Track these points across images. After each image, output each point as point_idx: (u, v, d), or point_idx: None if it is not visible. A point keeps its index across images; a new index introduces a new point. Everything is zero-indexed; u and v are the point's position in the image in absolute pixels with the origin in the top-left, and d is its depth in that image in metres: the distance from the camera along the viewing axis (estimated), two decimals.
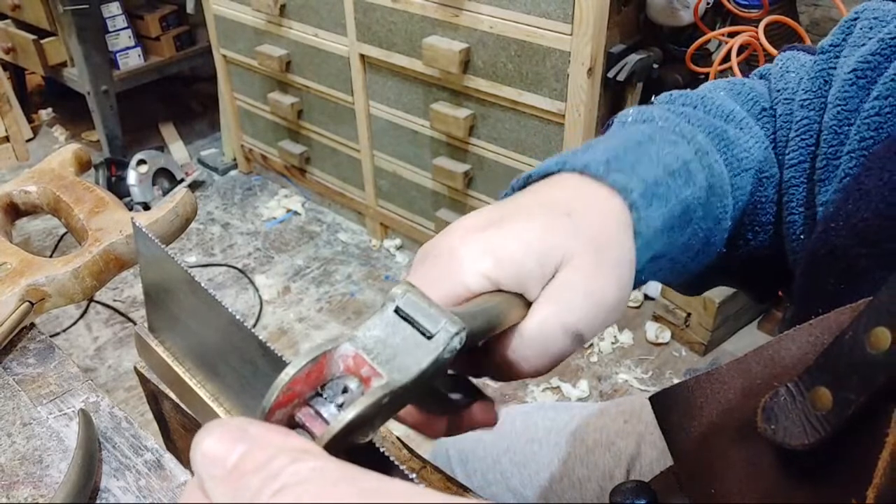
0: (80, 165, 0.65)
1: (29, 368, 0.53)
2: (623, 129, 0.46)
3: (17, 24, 2.54)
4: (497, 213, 0.37)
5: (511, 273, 0.34)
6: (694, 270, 0.49)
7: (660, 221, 0.39)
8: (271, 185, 2.48)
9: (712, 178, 0.44)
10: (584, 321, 0.35)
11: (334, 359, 0.27)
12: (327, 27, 1.86)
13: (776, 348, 0.35)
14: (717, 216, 0.45)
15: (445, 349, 0.28)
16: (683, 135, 0.45)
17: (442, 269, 0.35)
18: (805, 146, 0.46)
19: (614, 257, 0.36)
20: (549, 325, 0.35)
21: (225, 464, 0.20)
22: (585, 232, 0.36)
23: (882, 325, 0.29)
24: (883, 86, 0.40)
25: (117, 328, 1.92)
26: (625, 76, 1.51)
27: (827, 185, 0.44)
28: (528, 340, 0.35)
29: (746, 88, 0.51)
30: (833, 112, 0.43)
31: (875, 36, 0.43)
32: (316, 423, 0.26)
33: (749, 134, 0.48)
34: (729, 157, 0.46)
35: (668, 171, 0.41)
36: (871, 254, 0.37)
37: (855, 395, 0.29)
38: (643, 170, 0.40)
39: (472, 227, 0.36)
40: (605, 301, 0.36)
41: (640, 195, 0.38)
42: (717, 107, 0.49)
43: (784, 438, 0.32)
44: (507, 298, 0.35)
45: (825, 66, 0.46)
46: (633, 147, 0.42)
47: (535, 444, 0.70)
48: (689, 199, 0.41)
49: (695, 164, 0.43)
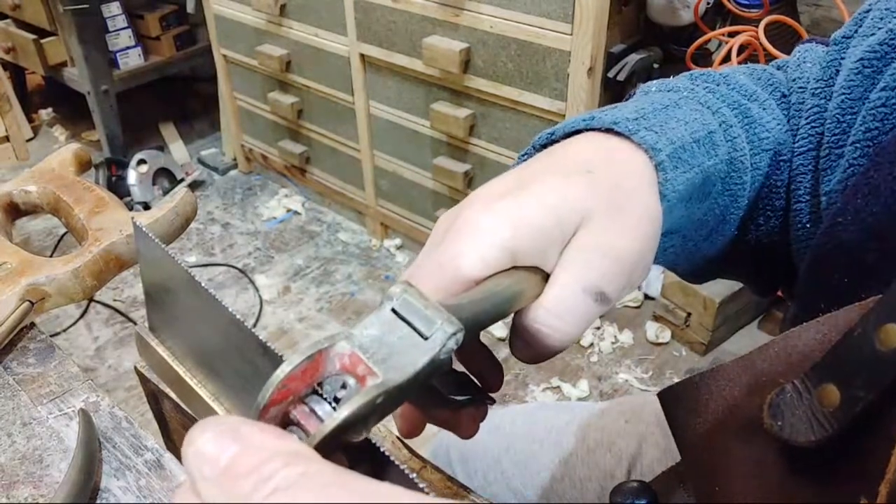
0: (81, 165, 0.65)
1: (29, 368, 0.53)
2: (646, 96, 0.45)
3: (17, 24, 2.54)
4: (516, 180, 0.36)
5: (531, 241, 0.33)
6: (704, 252, 0.48)
7: (683, 187, 0.38)
8: (271, 184, 2.48)
9: (734, 153, 0.43)
10: (605, 279, 0.34)
11: (330, 357, 0.27)
12: (327, 27, 1.86)
13: (783, 345, 0.35)
14: (734, 192, 0.44)
15: (442, 350, 0.28)
16: (709, 106, 0.44)
17: (459, 245, 0.34)
18: (814, 134, 0.45)
19: (635, 212, 0.35)
20: (570, 288, 0.34)
21: (217, 464, 0.20)
22: (605, 187, 0.35)
23: (892, 322, 0.29)
24: (891, 77, 0.40)
25: (117, 328, 1.92)
26: (625, 76, 1.51)
27: (830, 174, 0.43)
28: (551, 309, 0.34)
29: (766, 74, 0.51)
30: (837, 100, 0.43)
31: (885, 26, 0.43)
32: (311, 421, 0.26)
33: (771, 115, 0.47)
34: (750, 135, 0.46)
35: (693, 137, 0.40)
36: (880, 249, 0.36)
37: (863, 392, 0.29)
38: (671, 131, 0.39)
39: (491, 195, 0.35)
40: (625, 257, 0.35)
41: (668, 156, 0.37)
42: (740, 86, 0.48)
43: (790, 435, 0.32)
44: (523, 277, 0.34)
45: (836, 56, 0.46)
46: (661, 109, 0.41)
47: (536, 443, 0.70)
48: (710, 171, 0.41)
49: (719, 136, 0.42)
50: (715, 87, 0.47)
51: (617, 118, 0.38)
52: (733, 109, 0.46)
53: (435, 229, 0.37)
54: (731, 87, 0.48)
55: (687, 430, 0.39)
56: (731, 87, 0.48)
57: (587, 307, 0.34)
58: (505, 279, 0.33)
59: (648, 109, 0.40)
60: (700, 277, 0.55)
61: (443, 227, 0.37)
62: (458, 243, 0.34)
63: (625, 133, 0.38)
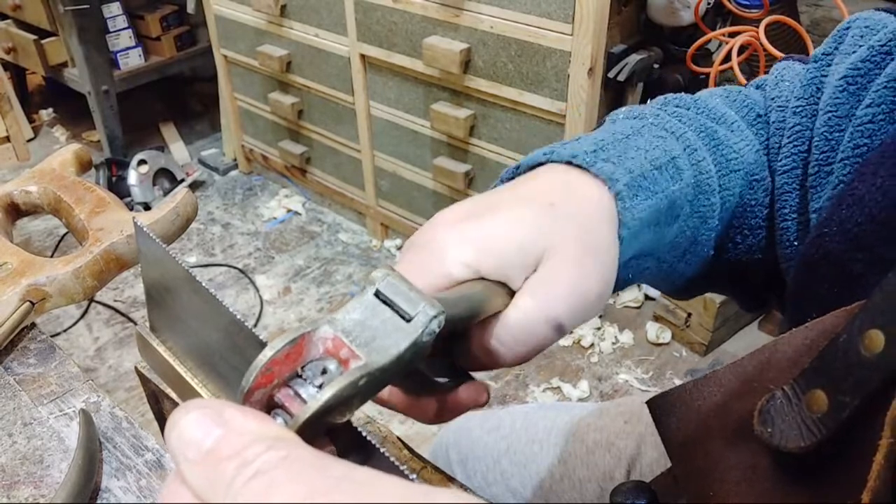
0: (81, 165, 0.65)
1: (30, 368, 0.53)
2: (612, 125, 0.46)
3: (17, 24, 2.54)
4: (481, 204, 0.38)
5: (493, 263, 0.35)
6: (682, 272, 0.49)
7: (645, 213, 0.40)
8: (272, 185, 2.48)
9: (700, 176, 0.44)
10: (566, 313, 0.36)
11: (313, 341, 0.28)
12: (328, 27, 1.86)
13: (771, 351, 0.35)
14: (704, 214, 0.45)
15: (424, 332, 0.28)
16: (673, 131, 0.45)
17: (425, 259, 0.35)
18: (798, 152, 0.46)
19: (597, 248, 0.37)
20: (533, 316, 0.35)
21: (200, 447, 0.21)
22: (569, 222, 0.36)
23: (876, 327, 0.29)
24: (875, 93, 0.40)
25: (118, 328, 1.92)
26: (625, 76, 1.51)
27: (819, 191, 0.44)
28: (511, 329, 0.35)
29: (741, 96, 0.52)
30: (824, 118, 0.44)
31: (865, 44, 0.44)
32: (295, 404, 0.26)
33: (739, 136, 0.48)
34: (718, 157, 0.47)
35: (655, 164, 0.41)
36: (865, 259, 0.37)
37: (850, 397, 0.29)
38: (630, 161, 0.40)
39: (456, 217, 0.37)
40: (588, 293, 0.36)
41: (626, 185, 0.39)
42: (709, 109, 0.49)
43: (780, 441, 0.32)
44: (490, 286, 0.35)
45: (817, 73, 0.47)
46: (621, 139, 0.42)
47: (536, 444, 0.70)
48: (676, 195, 0.42)
49: (683, 160, 0.43)
50: (683, 112, 0.48)
51: (575, 151, 0.40)
52: (699, 133, 0.47)
53: (402, 249, 0.38)
54: (699, 111, 0.49)
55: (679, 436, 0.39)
56: (700, 111, 0.49)
57: (545, 336, 0.36)
58: (476, 286, 0.35)
59: (609, 140, 0.42)
60: (684, 294, 0.56)
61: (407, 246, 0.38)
62: (425, 255, 0.35)
63: (583, 165, 0.39)
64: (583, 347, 1.77)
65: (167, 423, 0.22)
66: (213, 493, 0.20)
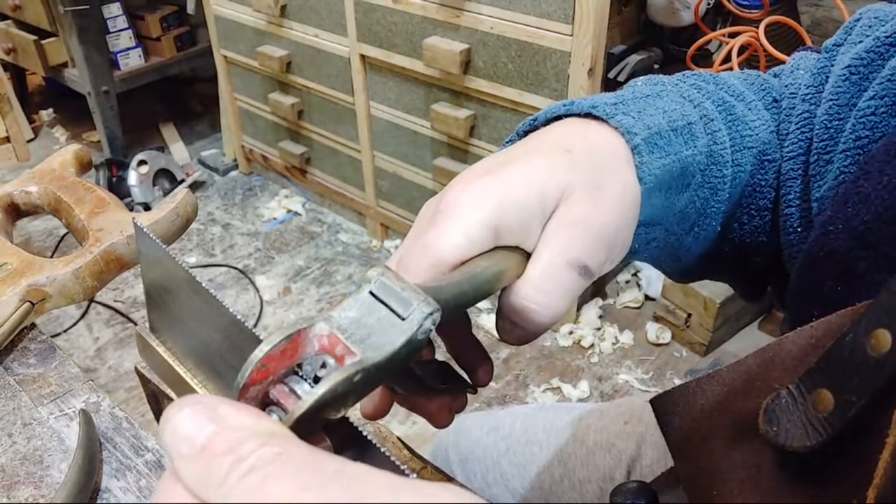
0: (81, 166, 0.65)
1: (30, 369, 0.53)
2: (632, 88, 0.46)
3: (17, 25, 2.54)
4: (497, 160, 0.37)
5: (513, 216, 0.34)
6: (688, 247, 0.49)
7: (659, 171, 0.39)
8: (272, 185, 2.48)
9: (714, 146, 0.44)
10: (587, 253, 0.35)
11: (309, 338, 0.28)
12: (328, 28, 1.86)
13: (776, 350, 0.35)
14: (715, 185, 0.45)
15: (419, 330, 0.28)
16: (691, 99, 0.45)
17: (444, 225, 0.35)
18: (804, 139, 0.46)
19: (614, 187, 0.36)
20: (555, 263, 0.35)
21: (194, 443, 0.21)
22: (584, 165, 0.36)
23: (882, 326, 0.29)
24: (879, 85, 0.40)
25: (118, 329, 1.92)
26: (625, 77, 1.51)
27: (819, 180, 0.44)
28: (536, 282, 0.35)
29: (760, 80, 0.52)
30: (825, 107, 0.44)
31: (872, 34, 0.44)
32: (290, 400, 0.26)
33: (756, 115, 0.48)
34: (733, 131, 0.46)
35: (672, 126, 0.41)
36: (870, 257, 0.37)
37: (856, 396, 0.29)
38: (649, 118, 0.40)
39: (473, 175, 0.37)
40: (605, 232, 0.36)
41: (644, 140, 0.38)
42: (728, 85, 0.49)
43: (786, 440, 0.32)
44: (504, 256, 0.35)
45: (826, 63, 0.47)
46: (641, 98, 0.42)
47: (536, 445, 0.70)
48: (689, 160, 0.42)
49: (698, 128, 0.43)
50: (702, 84, 0.48)
51: (596, 103, 0.40)
52: (717, 105, 0.47)
53: (420, 215, 0.38)
54: (718, 86, 0.49)
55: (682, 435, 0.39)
56: (719, 87, 0.49)
57: (572, 281, 0.35)
58: (485, 261, 0.34)
59: (629, 97, 0.42)
60: (686, 276, 0.55)
61: (427, 211, 0.37)
62: (442, 224, 0.35)
63: (602, 116, 0.39)
64: (583, 348, 1.77)
65: (161, 419, 0.22)
66: (207, 489, 0.20)
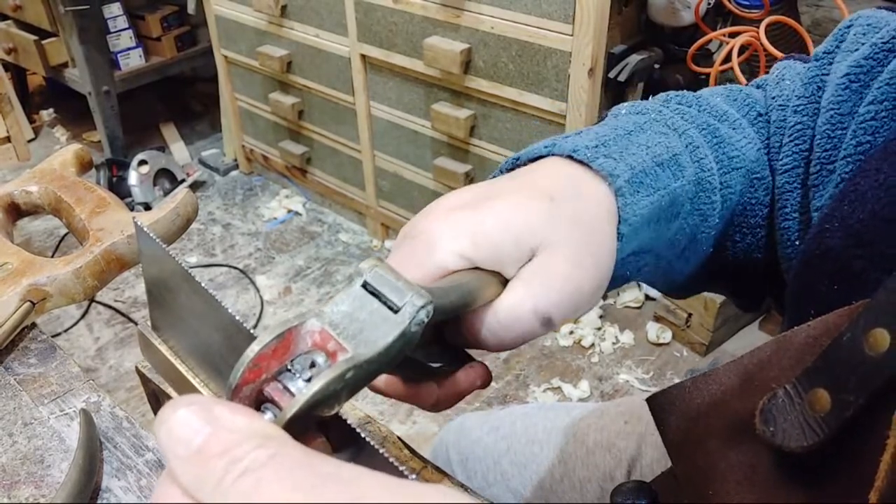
0: (82, 166, 0.65)
1: (30, 368, 0.53)
2: (615, 120, 0.46)
3: (18, 25, 2.54)
4: (477, 194, 0.38)
5: (487, 253, 0.35)
6: (680, 270, 0.49)
7: (646, 210, 0.40)
8: (272, 185, 2.48)
9: (701, 173, 0.44)
10: (556, 307, 0.36)
11: (301, 335, 0.28)
12: (328, 27, 1.86)
13: (773, 349, 0.35)
14: (704, 212, 0.45)
15: (412, 322, 0.28)
16: (675, 128, 0.45)
17: (419, 250, 0.35)
18: (799, 151, 0.46)
19: (594, 245, 0.37)
20: (523, 306, 0.35)
21: (190, 445, 0.21)
22: (567, 217, 0.36)
23: (880, 326, 0.29)
24: (878, 90, 0.40)
25: (118, 328, 1.92)
26: (626, 77, 1.51)
27: (822, 189, 0.44)
28: (499, 316, 0.35)
29: (742, 95, 0.52)
30: (826, 116, 0.44)
31: (868, 41, 0.44)
32: (284, 398, 0.26)
33: (742, 134, 0.48)
34: (719, 155, 0.47)
35: (657, 161, 0.41)
36: (866, 255, 0.37)
37: (854, 396, 0.29)
38: (631, 157, 0.40)
39: (451, 207, 0.37)
40: (581, 289, 0.36)
41: (627, 181, 0.39)
42: (711, 107, 0.49)
43: (782, 441, 0.32)
44: (483, 276, 0.35)
45: (818, 72, 0.47)
46: (623, 135, 0.42)
47: (536, 445, 0.70)
48: (678, 192, 0.42)
49: (684, 158, 0.43)
50: (685, 109, 0.48)
51: (577, 146, 0.40)
52: (702, 131, 0.47)
53: (397, 239, 0.38)
54: (701, 108, 0.49)
55: (679, 435, 0.39)
56: (702, 109, 0.49)
57: (533, 327, 0.36)
58: (469, 275, 0.35)
59: (610, 136, 0.41)
60: (680, 293, 0.56)
61: (402, 236, 0.38)
62: (416, 249, 0.35)
63: (584, 160, 0.39)
64: (583, 347, 1.77)
65: (156, 419, 0.22)
66: (202, 491, 0.20)
